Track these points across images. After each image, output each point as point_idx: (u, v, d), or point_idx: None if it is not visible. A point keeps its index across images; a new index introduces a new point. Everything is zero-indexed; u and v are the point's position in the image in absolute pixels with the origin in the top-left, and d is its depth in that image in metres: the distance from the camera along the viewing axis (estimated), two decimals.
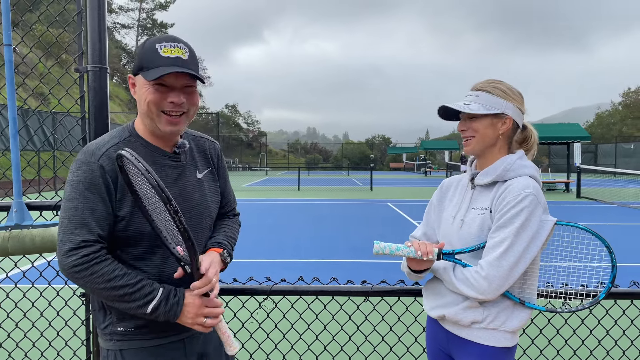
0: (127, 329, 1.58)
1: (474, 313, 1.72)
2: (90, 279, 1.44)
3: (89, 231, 1.45)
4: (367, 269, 7.11)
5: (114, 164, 1.50)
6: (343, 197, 19.39)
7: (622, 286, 2.23)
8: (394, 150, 62.51)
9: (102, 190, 1.49)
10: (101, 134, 2.20)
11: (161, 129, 1.56)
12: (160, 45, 1.52)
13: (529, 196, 1.65)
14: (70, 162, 14.96)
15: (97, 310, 1.62)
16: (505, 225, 1.65)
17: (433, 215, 1.97)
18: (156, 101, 1.53)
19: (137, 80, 1.57)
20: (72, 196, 1.48)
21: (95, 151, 1.52)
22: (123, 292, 1.45)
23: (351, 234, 10.21)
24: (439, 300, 1.83)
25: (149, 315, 1.48)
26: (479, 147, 1.79)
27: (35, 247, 2.02)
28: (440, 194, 1.98)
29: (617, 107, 58.92)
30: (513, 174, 1.74)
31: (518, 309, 1.73)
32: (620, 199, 18.82)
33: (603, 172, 38.13)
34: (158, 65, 1.50)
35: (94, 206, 1.47)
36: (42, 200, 2.27)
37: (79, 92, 2.24)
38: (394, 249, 1.72)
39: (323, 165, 63.26)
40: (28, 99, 2.46)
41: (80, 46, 2.23)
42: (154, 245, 1.56)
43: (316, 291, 2.22)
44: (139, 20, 60.96)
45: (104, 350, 1.62)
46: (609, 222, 12.40)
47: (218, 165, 1.82)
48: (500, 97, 1.77)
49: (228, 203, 1.87)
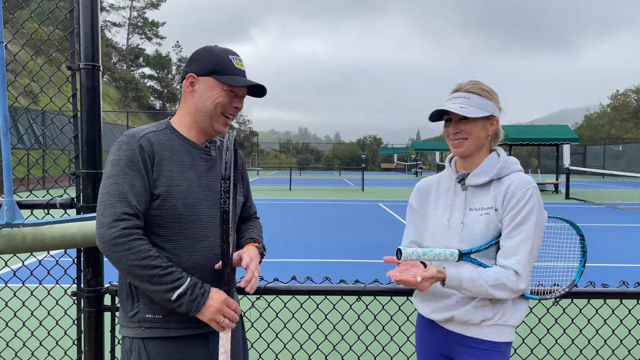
0: (155, 317, 1.64)
1: (483, 311, 1.75)
2: (126, 255, 1.50)
3: (129, 205, 1.55)
4: (359, 269, 7.13)
5: (152, 146, 1.64)
6: (335, 197, 19.41)
7: (611, 286, 2.25)
8: (385, 151, 62.66)
9: (140, 167, 1.60)
10: (93, 133, 2.19)
11: (216, 128, 1.73)
12: (232, 57, 1.73)
13: (535, 190, 1.73)
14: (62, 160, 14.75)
15: (124, 299, 1.69)
16: (523, 223, 1.70)
17: (417, 220, 1.96)
18: (225, 104, 1.71)
19: (206, 81, 1.71)
20: (112, 173, 1.59)
21: (135, 134, 1.67)
22: (154, 273, 1.51)
23: (343, 234, 10.22)
24: (442, 302, 1.82)
25: (172, 303, 1.53)
26: (471, 149, 1.81)
27: (26, 245, 2.01)
28: (420, 197, 1.97)
29: (606, 110, 59.49)
30: (508, 170, 1.80)
31: (519, 302, 1.80)
32: (609, 200, 19.01)
33: (592, 173, 38.53)
34: (235, 74, 1.71)
35: (134, 182, 1.58)
36: (33, 198, 2.25)
37: (71, 91, 2.22)
38: (420, 253, 1.71)
39: (315, 165, 63.22)
40: (19, 97, 2.44)
41: (72, 44, 2.21)
42: (184, 228, 1.65)
43: (309, 290, 2.23)
44: (129, 18, 60.55)
45: (128, 340, 1.67)
46: (597, 222, 12.53)
47: (242, 170, 1.93)
48: (488, 99, 1.80)
49: (251, 207, 2.00)
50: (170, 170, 1.65)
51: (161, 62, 61.12)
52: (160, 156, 1.65)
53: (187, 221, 1.64)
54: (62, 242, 2.02)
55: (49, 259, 2.41)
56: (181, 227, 1.64)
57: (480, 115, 1.77)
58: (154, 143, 1.66)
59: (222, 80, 1.68)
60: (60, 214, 2.19)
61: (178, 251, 1.64)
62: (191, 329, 1.67)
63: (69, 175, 2.27)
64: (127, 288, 1.68)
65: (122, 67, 58.83)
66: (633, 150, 39.83)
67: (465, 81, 1.86)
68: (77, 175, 2.20)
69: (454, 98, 1.81)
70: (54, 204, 2.19)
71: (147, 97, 55.52)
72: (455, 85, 1.86)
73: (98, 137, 2.21)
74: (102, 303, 2.23)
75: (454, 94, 1.82)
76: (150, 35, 61.78)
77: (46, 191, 2.33)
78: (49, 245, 2.01)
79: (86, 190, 2.18)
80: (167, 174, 1.64)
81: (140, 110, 48.05)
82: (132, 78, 54.26)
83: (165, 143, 1.69)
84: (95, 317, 2.21)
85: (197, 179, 1.69)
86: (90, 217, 2.04)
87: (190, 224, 1.65)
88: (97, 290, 2.20)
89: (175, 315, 1.63)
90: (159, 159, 1.64)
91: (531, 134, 21.35)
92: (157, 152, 1.64)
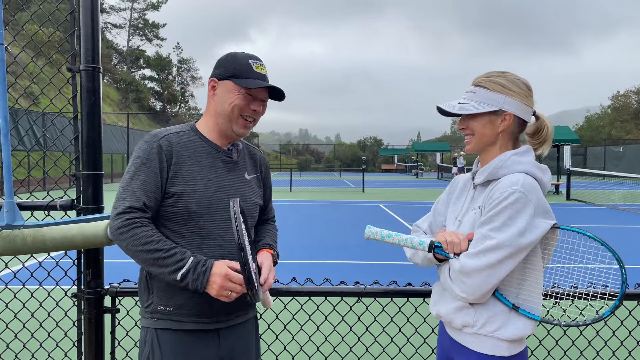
0: (166, 309, 1.73)
1: (465, 315, 1.63)
2: (130, 241, 1.61)
3: (136, 199, 1.66)
4: (359, 270, 7.12)
5: (171, 146, 1.74)
6: (335, 198, 19.40)
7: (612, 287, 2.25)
8: (386, 152, 62.63)
9: (155, 165, 1.70)
10: (93, 134, 2.20)
11: (235, 131, 1.80)
12: (252, 61, 1.80)
13: (515, 193, 1.54)
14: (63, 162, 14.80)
15: (142, 291, 1.80)
16: (487, 222, 1.57)
17: (441, 207, 1.88)
18: (242, 106, 1.77)
19: (225, 85, 1.79)
20: (130, 169, 1.72)
21: (158, 134, 1.78)
22: (157, 256, 1.60)
23: (343, 235, 10.22)
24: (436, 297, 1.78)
25: (180, 283, 1.60)
26: (478, 146, 1.71)
27: (27, 247, 2.01)
28: (450, 188, 1.90)
29: (606, 111, 59.46)
30: (506, 170, 1.63)
31: (514, 316, 1.61)
32: (610, 201, 18.99)
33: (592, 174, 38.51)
34: (253, 77, 1.77)
35: (146, 178, 1.68)
36: (33, 200, 2.25)
37: (71, 92, 2.22)
38: (385, 235, 1.69)
39: (315, 166, 63.24)
40: (19, 98, 2.44)
41: (72, 46, 2.21)
42: (198, 225, 1.72)
43: (309, 292, 2.23)
44: (130, 20, 60.61)
45: (144, 330, 1.77)
46: (598, 224, 12.52)
47: (265, 174, 2.03)
48: (498, 93, 1.66)
49: (270, 211, 2.10)
50: (187, 170, 1.73)
51: (162, 64, 61.17)
52: (179, 156, 1.74)
53: (201, 219, 1.72)
54: (63, 243, 2.02)
55: (49, 260, 2.41)
56: (195, 225, 1.72)
57: (478, 111, 1.65)
58: (174, 144, 1.76)
59: (239, 84, 1.76)
60: (60, 216, 2.19)
61: (191, 247, 1.71)
62: (202, 323, 1.74)
63: (69, 177, 2.27)
64: (144, 280, 1.78)
65: (123, 68, 58.88)
66: (634, 151, 39.79)
67: (484, 73, 1.74)
68: (77, 176, 2.20)
69: (465, 92, 1.73)
70: (54, 205, 2.19)
71: (148, 98, 55.58)
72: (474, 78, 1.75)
73: (98, 139, 2.21)
74: (102, 305, 2.23)
75: (467, 88, 1.73)
76: (150, 36, 61.84)
77: (46, 193, 2.33)
78: (49, 247, 2.01)
79: (86, 191, 2.19)
80: (184, 173, 1.73)
81: (140, 112, 48.08)
82: (132, 79, 54.33)
83: (187, 144, 1.78)
84: (96, 319, 2.21)
85: (215, 180, 1.77)
86: (90, 218, 2.04)
87: (204, 222, 1.73)
88: (97, 291, 2.21)
89: (186, 309, 1.72)
90: (177, 159, 1.73)
91: None
92: (175, 152, 1.74)
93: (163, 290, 1.73)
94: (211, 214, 1.74)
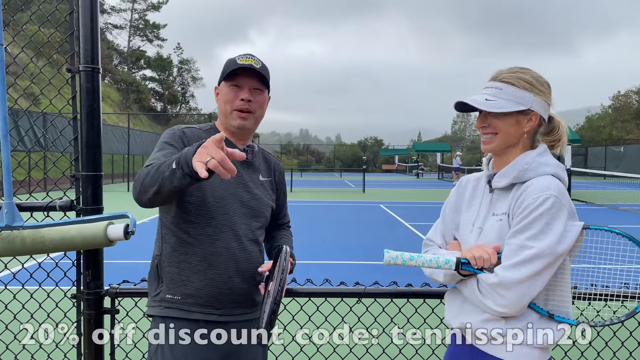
0: (174, 297, 1.79)
1: (495, 325, 1.55)
2: (139, 177, 1.66)
3: (158, 162, 1.68)
4: (359, 271, 7.11)
5: (192, 135, 1.86)
6: (336, 198, 19.40)
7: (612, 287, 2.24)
8: (386, 152, 62.59)
9: (178, 145, 1.80)
10: (93, 135, 2.19)
11: (233, 124, 1.86)
12: (239, 56, 1.86)
13: (550, 198, 1.47)
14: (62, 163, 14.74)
15: (152, 280, 1.86)
16: (522, 231, 1.48)
17: (450, 213, 1.78)
18: (230, 99, 1.84)
19: (220, 88, 1.90)
20: (154, 151, 1.81)
21: (181, 125, 1.93)
22: (160, 164, 1.59)
23: (344, 236, 10.21)
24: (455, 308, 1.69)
25: (179, 171, 1.49)
26: (501, 147, 1.61)
27: (26, 248, 2.00)
28: (458, 193, 1.79)
29: (607, 111, 59.40)
30: (533, 173, 1.55)
31: (544, 322, 1.55)
32: (610, 201, 18.98)
33: (593, 174, 38.44)
34: (234, 69, 1.82)
35: (169, 153, 1.76)
36: (32, 201, 2.24)
37: (71, 93, 2.22)
38: (407, 258, 1.56)
39: (315, 166, 63.21)
40: (19, 99, 2.44)
41: (72, 46, 2.21)
42: (211, 217, 1.80)
43: (309, 292, 2.22)
44: (131, 20, 60.61)
45: (152, 319, 1.84)
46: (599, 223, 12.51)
47: (279, 180, 2.10)
48: (526, 91, 1.57)
49: (285, 216, 2.18)
50: None
51: (162, 64, 61.15)
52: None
53: (214, 212, 1.80)
54: (62, 244, 2.01)
55: (48, 261, 2.41)
56: (208, 217, 1.79)
57: (509, 110, 1.55)
58: (195, 135, 1.87)
59: (223, 78, 1.85)
60: (60, 217, 2.18)
61: (202, 237, 1.79)
62: (209, 314, 1.79)
63: (69, 178, 2.27)
64: (155, 270, 1.85)
65: (124, 69, 58.88)
66: (634, 151, 39.75)
67: (507, 68, 1.64)
68: (77, 177, 2.20)
69: (486, 88, 1.61)
70: (54, 206, 2.18)
71: (149, 99, 55.55)
72: (495, 72, 1.65)
73: (98, 139, 2.21)
74: (101, 305, 2.23)
75: (489, 83, 1.62)
76: (151, 37, 61.83)
77: (46, 193, 2.32)
78: (48, 248, 2.01)
79: (86, 192, 2.18)
80: None
81: (141, 112, 48.07)
82: (133, 80, 54.31)
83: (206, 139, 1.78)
84: (95, 320, 2.20)
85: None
86: (89, 219, 2.04)
87: (217, 215, 1.80)
88: (96, 292, 2.20)
89: (193, 299, 1.78)
90: None
91: None
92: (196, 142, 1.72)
93: (172, 280, 1.80)
94: (225, 207, 1.80)
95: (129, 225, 1.85)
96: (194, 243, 1.80)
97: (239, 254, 1.83)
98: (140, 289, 2.25)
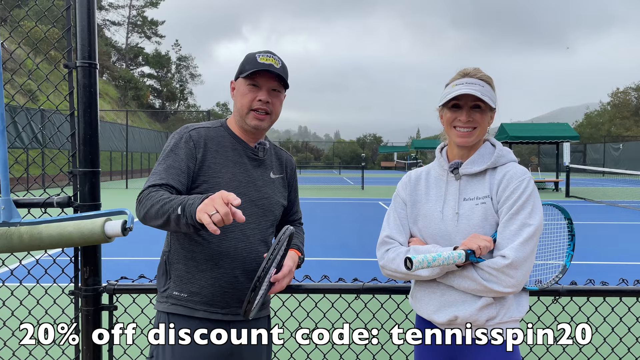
0: (180, 294, 1.80)
1: (488, 310, 1.66)
2: (144, 204, 1.67)
3: (159, 179, 1.74)
4: (358, 267, 7.12)
5: (200, 137, 1.84)
6: (334, 195, 19.41)
7: (611, 284, 2.25)
8: (385, 149, 62.62)
9: (182, 152, 1.80)
10: (90, 131, 2.18)
11: (248, 124, 1.84)
12: (259, 54, 1.82)
13: (531, 181, 1.69)
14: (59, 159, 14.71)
15: (160, 276, 1.87)
16: (519, 212, 1.63)
17: (405, 210, 1.86)
18: (249, 99, 1.81)
19: (237, 83, 1.87)
20: (161, 157, 1.82)
21: (189, 126, 1.89)
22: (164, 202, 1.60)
23: (342, 233, 10.22)
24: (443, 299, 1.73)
25: (184, 218, 1.52)
26: (478, 139, 1.76)
27: (23, 244, 2.00)
28: (410, 187, 1.87)
29: (606, 107, 59.46)
30: (504, 160, 1.75)
31: (520, 295, 1.73)
32: (609, 198, 19.01)
33: (592, 171, 38.52)
34: (255, 68, 1.78)
35: (172, 164, 1.78)
36: (30, 197, 2.24)
37: (68, 89, 2.21)
38: (430, 259, 1.57)
39: (314, 164, 63.19)
40: (16, 95, 2.43)
41: (69, 42, 2.20)
42: None
43: (307, 289, 2.22)
44: (129, 17, 60.44)
45: (157, 314, 1.84)
46: (597, 220, 12.53)
47: (291, 176, 2.07)
48: (494, 91, 1.76)
49: (297, 212, 2.14)
50: (213, 162, 1.82)
51: (160, 61, 61.05)
52: (207, 149, 1.83)
53: None
54: (59, 240, 2.01)
55: (46, 258, 2.41)
56: None
57: (494, 106, 1.73)
58: (204, 136, 1.84)
59: (242, 76, 1.82)
60: (57, 213, 2.18)
61: (211, 237, 1.78)
62: (214, 313, 1.79)
63: (66, 174, 2.26)
64: (164, 266, 1.86)
65: (122, 66, 58.77)
66: (633, 148, 39.82)
67: (471, 67, 1.78)
68: (74, 173, 2.19)
69: (468, 83, 1.70)
70: (51, 202, 2.18)
71: (147, 96, 55.46)
72: (462, 70, 1.77)
73: (95, 136, 2.20)
74: (99, 302, 2.22)
75: (466, 79, 1.71)
76: (149, 34, 61.70)
77: (43, 190, 2.32)
78: (46, 244, 2.00)
79: (83, 188, 2.18)
80: (211, 165, 1.81)
81: (139, 109, 47.99)
82: (131, 77, 54.20)
83: (215, 138, 1.86)
84: (93, 316, 2.20)
85: (240, 175, 1.86)
86: (87, 215, 2.03)
87: None
88: (94, 289, 2.20)
89: (198, 297, 1.78)
90: (205, 150, 1.82)
91: (531, 132, 21.33)
92: (204, 143, 1.83)
93: (180, 277, 1.81)
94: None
95: (126, 222, 1.84)
96: (202, 242, 1.80)
97: (246, 254, 1.83)
98: (138, 285, 2.25)
